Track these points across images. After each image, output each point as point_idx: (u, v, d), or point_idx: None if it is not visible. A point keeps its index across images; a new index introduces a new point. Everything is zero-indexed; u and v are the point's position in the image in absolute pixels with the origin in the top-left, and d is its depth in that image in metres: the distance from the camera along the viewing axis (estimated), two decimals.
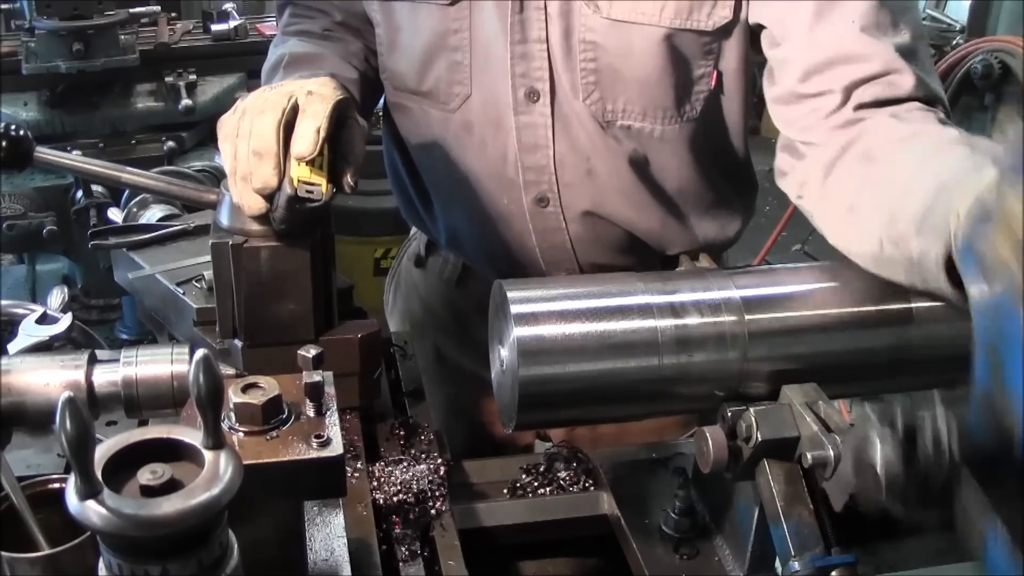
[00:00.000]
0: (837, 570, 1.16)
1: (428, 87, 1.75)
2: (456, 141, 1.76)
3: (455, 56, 1.70)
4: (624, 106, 1.67)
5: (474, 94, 1.71)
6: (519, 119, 1.69)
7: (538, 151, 1.71)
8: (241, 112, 1.38)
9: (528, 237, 1.78)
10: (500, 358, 1.31)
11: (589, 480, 1.54)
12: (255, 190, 1.33)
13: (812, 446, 1.17)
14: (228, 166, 1.37)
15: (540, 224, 1.76)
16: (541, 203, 1.74)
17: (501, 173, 1.74)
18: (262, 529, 1.04)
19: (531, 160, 1.72)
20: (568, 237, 1.78)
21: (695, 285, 1.29)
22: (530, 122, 1.69)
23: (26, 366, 1.26)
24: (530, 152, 1.71)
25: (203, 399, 0.86)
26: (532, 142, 1.70)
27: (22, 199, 3.38)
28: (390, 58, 1.79)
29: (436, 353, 2.05)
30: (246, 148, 1.33)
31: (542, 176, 1.72)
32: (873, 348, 1.31)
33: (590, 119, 1.68)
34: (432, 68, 1.73)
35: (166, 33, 3.64)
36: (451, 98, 1.73)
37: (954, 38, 4.82)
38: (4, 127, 1.42)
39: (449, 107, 1.74)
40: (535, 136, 1.70)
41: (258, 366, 1.27)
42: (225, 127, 1.40)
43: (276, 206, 1.32)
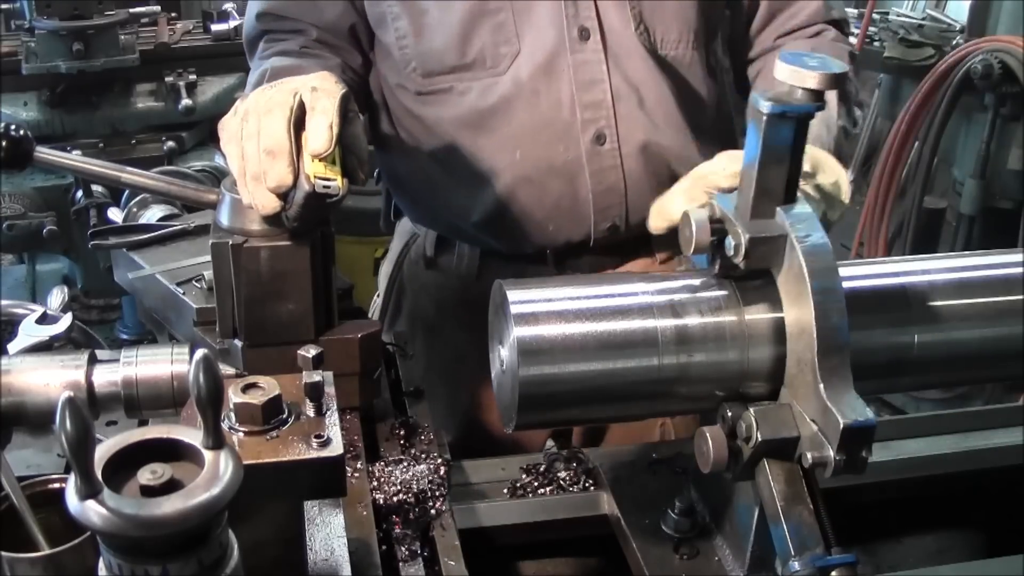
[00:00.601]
0: (837, 570, 1.16)
1: (472, 57, 1.81)
2: (504, 104, 1.81)
3: (498, 17, 1.79)
4: (663, 35, 1.83)
5: (523, 49, 1.80)
6: (575, 58, 1.80)
7: (595, 87, 1.81)
8: (243, 113, 1.38)
9: (583, 184, 1.84)
10: (500, 358, 1.31)
11: (589, 480, 1.54)
12: (270, 189, 1.32)
13: (812, 446, 1.17)
14: (236, 167, 1.36)
15: (597, 164, 1.84)
16: (599, 141, 1.83)
17: (556, 119, 1.82)
18: (262, 529, 1.04)
19: (588, 97, 1.81)
20: (623, 174, 1.85)
21: (695, 285, 1.29)
22: (584, 60, 1.80)
23: (26, 366, 1.26)
24: (587, 89, 1.81)
25: (203, 399, 0.86)
26: (588, 78, 1.81)
27: (22, 199, 3.38)
28: (419, 44, 1.83)
29: (455, 354, 2.03)
30: (255, 148, 1.33)
31: (599, 112, 1.82)
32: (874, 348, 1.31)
33: (639, 49, 1.82)
34: (475, 36, 1.80)
35: (166, 33, 3.65)
36: (499, 60, 1.81)
37: (954, 38, 4.81)
38: (4, 127, 1.42)
39: (498, 70, 1.81)
40: (591, 72, 1.81)
41: (258, 366, 1.27)
42: (228, 129, 1.40)
43: (291, 203, 1.32)
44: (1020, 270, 1.37)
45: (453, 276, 2.03)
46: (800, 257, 1.19)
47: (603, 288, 1.30)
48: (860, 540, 1.67)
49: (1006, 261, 1.40)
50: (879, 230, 4.66)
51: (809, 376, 1.18)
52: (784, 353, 1.24)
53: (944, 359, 1.36)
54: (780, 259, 1.23)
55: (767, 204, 1.23)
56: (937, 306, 1.33)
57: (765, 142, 1.20)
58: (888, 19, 5.13)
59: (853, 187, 6.61)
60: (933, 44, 4.74)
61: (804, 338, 1.19)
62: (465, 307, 2.00)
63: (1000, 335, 1.35)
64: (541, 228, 1.89)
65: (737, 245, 1.23)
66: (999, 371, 1.48)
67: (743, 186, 1.24)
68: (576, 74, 1.80)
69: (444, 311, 2.06)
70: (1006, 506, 1.71)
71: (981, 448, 1.68)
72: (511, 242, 1.94)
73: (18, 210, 3.36)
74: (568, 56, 1.80)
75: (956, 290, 1.35)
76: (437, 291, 2.06)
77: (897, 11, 5.35)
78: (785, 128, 1.19)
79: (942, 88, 4.28)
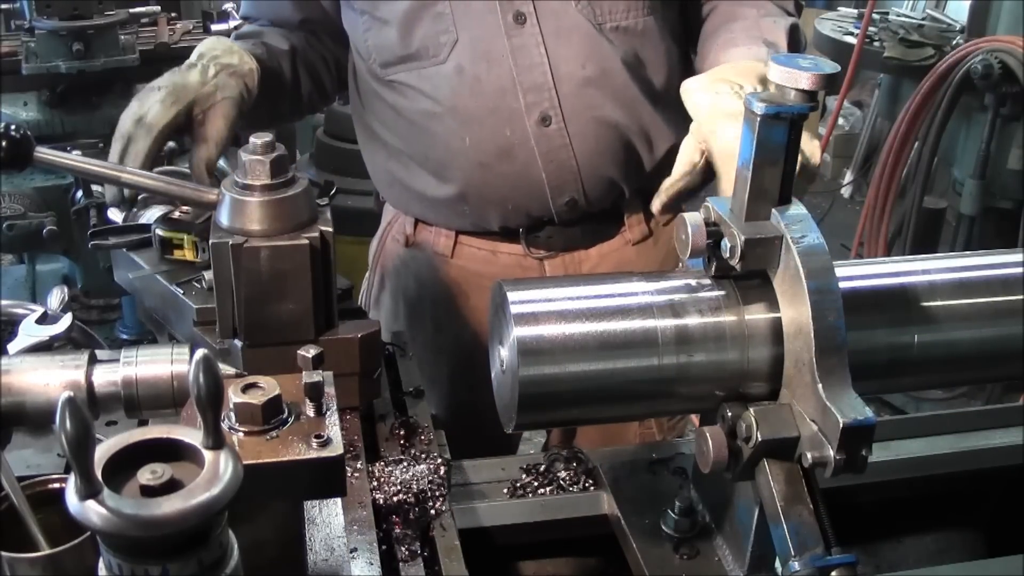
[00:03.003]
0: (837, 570, 1.16)
1: (415, 47, 1.87)
2: (450, 90, 1.85)
3: (437, 7, 1.83)
4: (610, 8, 1.83)
5: (461, 36, 1.83)
6: (511, 42, 1.81)
7: (534, 70, 1.83)
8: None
9: (534, 164, 1.87)
10: (500, 358, 1.31)
11: (589, 480, 1.54)
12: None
13: (812, 446, 1.17)
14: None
15: (545, 145, 1.86)
16: (544, 122, 1.85)
17: (500, 104, 1.85)
18: (262, 529, 1.04)
19: (529, 80, 1.83)
20: (573, 153, 1.88)
21: (695, 284, 1.29)
22: (521, 44, 1.82)
23: (26, 366, 1.26)
24: (527, 72, 1.83)
25: (203, 399, 0.86)
26: (527, 62, 1.82)
27: (22, 199, 3.37)
28: (376, 38, 1.91)
29: (435, 326, 2.12)
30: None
31: (542, 94, 1.84)
32: (874, 348, 1.31)
33: (583, 25, 1.82)
34: (417, 28, 1.85)
35: (166, 33, 3.64)
36: (440, 49, 1.85)
37: (954, 38, 4.82)
38: (4, 127, 1.42)
39: (439, 58, 1.85)
40: (529, 56, 1.82)
41: (258, 366, 1.27)
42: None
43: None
44: (1020, 270, 1.37)
45: (430, 253, 2.10)
46: (796, 258, 1.19)
47: (603, 288, 1.30)
48: (860, 540, 1.67)
49: (1006, 261, 1.40)
50: (879, 230, 4.67)
51: (808, 376, 1.18)
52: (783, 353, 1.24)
53: (944, 359, 1.36)
54: (776, 260, 1.23)
55: (762, 205, 1.23)
56: (937, 306, 1.33)
57: (759, 143, 1.20)
58: (888, 19, 5.14)
59: (853, 187, 6.64)
60: (933, 44, 4.74)
61: (801, 338, 1.19)
62: (443, 283, 2.10)
63: (1000, 335, 1.35)
64: (501, 208, 1.96)
65: (733, 247, 1.23)
66: (999, 371, 1.48)
67: (737, 188, 1.25)
68: (515, 59, 1.83)
69: (423, 287, 2.13)
70: (1006, 506, 1.71)
71: (981, 448, 1.68)
72: (477, 222, 2.02)
73: (18, 210, 3.35)
74: (505, 41, 1.82)
75: (956, 290, 1.35)
76: (416, 268, 2.14)
77: (897, 11, 5.36)
78: (779, 129, 1.20)
79: (942, 88, 4.28)
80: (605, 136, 1.90)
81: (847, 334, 1.18)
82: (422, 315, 2.14)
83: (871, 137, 6.36)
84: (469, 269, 2.07)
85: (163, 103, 1.68)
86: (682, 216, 1.28)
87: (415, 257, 2.14)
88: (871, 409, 1.14)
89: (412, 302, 2.16)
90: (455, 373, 2.13)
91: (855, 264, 1.41)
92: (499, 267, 2.04)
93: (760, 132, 1.19)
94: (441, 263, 2.09)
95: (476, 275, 2.07)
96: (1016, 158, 4.22)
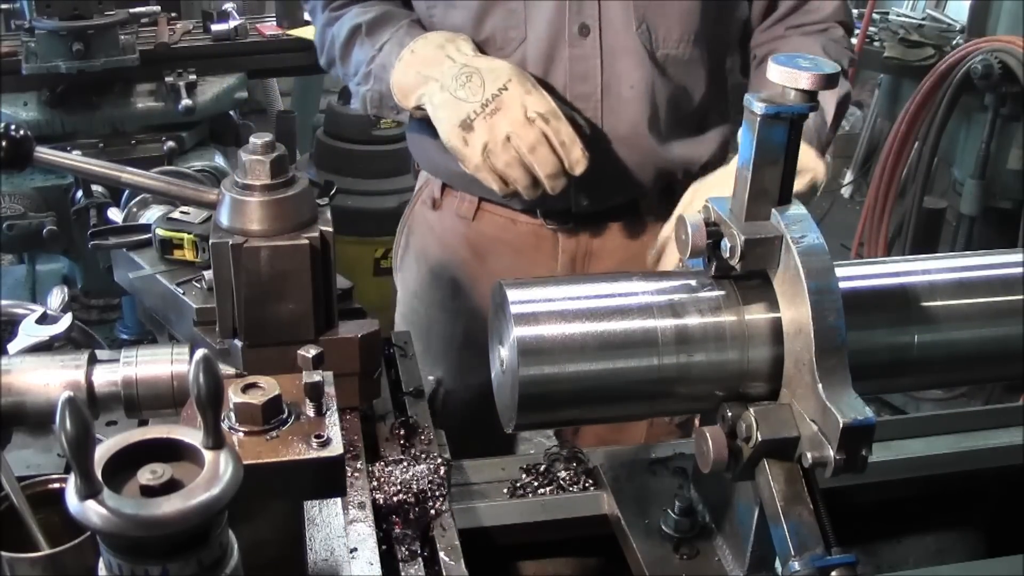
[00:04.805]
0: (837, 570, 1.16)
1: (485, 36, 1.95)
2: None
3: (511, 4, 1.92)
4: (665, 34, 1.93)
5: (529, 36, 1.92)
6: (572, 52, 1.91)
7: (587, 81, 1.94)
8: (486, 152, 1.76)
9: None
10: (500, 358, 1.31)
11: (589, 480, 1.54)
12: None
13: (812, 446, 1.17)
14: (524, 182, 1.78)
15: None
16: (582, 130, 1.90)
17: None
18: (262, 529, 1.04)
19: (580, 89, 1.94)
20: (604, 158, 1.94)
21: (695, 284, 1.29)
22: (581, 55, 1.92)
23: (26, 366, 1.26)
24: (580, 82, 1.93)
25: (203, 399, 0.86)
26: (583, 72, 1.93)
27: (22, 199, 3.38)
28: (445, 17, 1.99)
29: (452, 287, 2.21)
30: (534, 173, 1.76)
31: (588, 104, 1.94)
32: (874, 348, 1.31)
33: (638, 47, 1.92)
34: (488, 19, 1.94)
35: (166, 33, 3.65)
36: (507, 43, 1.94)
37: (954, 38, 4.82)
38: (4, 127, 1.42)
39: (505, 52, 1.94)
40: (585, 67, 1.93)
41: (258, 366, 1.27)
42: (483, 169, 1.79)
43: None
44: (1020, 270, 1.37)
45: (454, 216, 2.19)
46: (796, 258, 1.19)
47: (603, 288, 1.30)
48: (860, 540, 1.67)
49: (1006, 261, 1.40)
50: (879, 230, 4.66)
51: (808, 376, 1.18)
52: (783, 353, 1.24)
53: (944, 359, 1.36)
54: (776, 260, 1.23)
55: (762, 205, 1.23)
56: (937, 306, 1.33)
57: (759, 143, 1.20)
58: (888, 19, 5.14)
59: (853, 187, 6.64)
60: (933, 44, 4.74)
61: (802, 338, 1.19)
62: (463, 246, 2.20)
63: (1000, 335, 1.35)
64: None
65: (733, 247, 1.23)
66: (999, 371, 1.48)
67: (738, 188, 1.25)
68: (572, 67, 1.92)
69: (446, 248, 2.23)
70: (1006, 506, 1.71)
71: (981, 448, 1.68)
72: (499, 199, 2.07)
73: (18, 210, 3.36)
74: (566, 50, 1.91)
75: (956, 290, 1.35)
76: (440, 231, 2.23)
77: (897, 11, 5.36)
78: (779, 129, 1.20)
79: (942, 88, 4.28)
80: (634, 153, 1.99)
81: (847, 334, 1.18)
82: (441, 276, 2.23)
83: (871, 137, 6.35)
84: (488, 234, 2.16)
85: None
86: (682, 216, 1.28)
87: (440, 219, 2.23)
88: (871, 409, 1.14)
89: (433, 263, 2.25)
90: (467, 338, 2.19)
91: (855, 264, 1.41)
92: (516, 234, 2.14)
93: (760, 132, 1.19)
94: (463, 226, 2.18)
95: (494, 240, 2.16)
96: (1016, 158, 4.22)
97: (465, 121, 1.77)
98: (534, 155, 1.75)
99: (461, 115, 1.78)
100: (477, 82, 1.78)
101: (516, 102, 1.76)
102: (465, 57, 1.83)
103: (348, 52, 2.03)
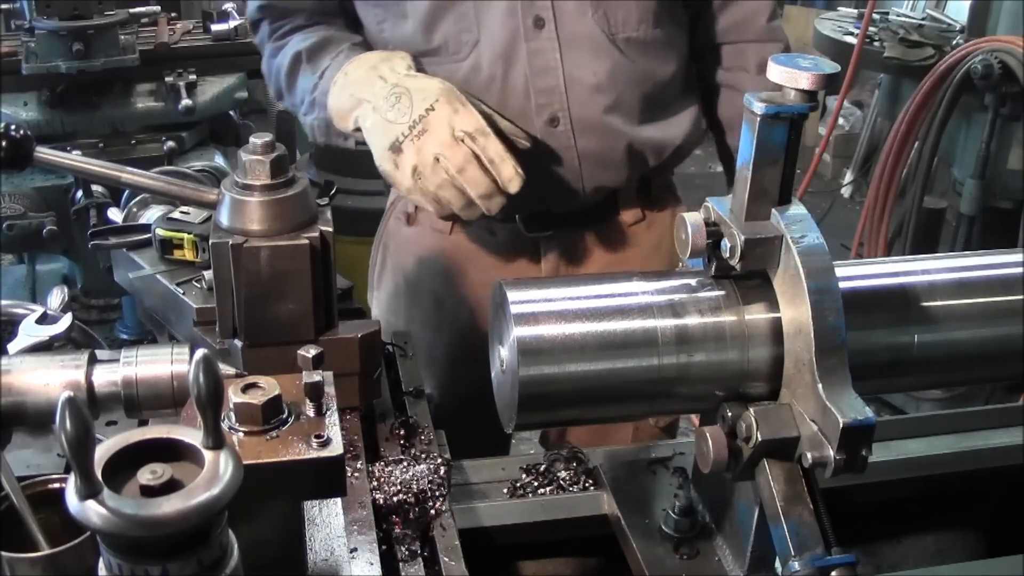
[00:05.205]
0: (837, 570, 1.16)
1: (437, 43, 1.91)
2: (466, 86, 1.86)
3: (461, 7, 1.87)
4: (624, 18, 1.90)
5: (482, 37, 1.89)
6: (529, 46, 1.87)
7: (548, 74, 1.89)
8: (416, 174, 1.71)
9: (539, 161, 1.90)
10: (500, 358, 1.31)
11: (589, 480, 1.54)
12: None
13: (812, 446, 1.17)
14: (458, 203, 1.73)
15: (551, 143, 1.92)
16: (553, 123, 1.91)
17: (512, 104, 1.90)
18: (262, 529, 1.04)
19: (542, 83, 1.90)
20: (576, 154, 1.94)
21: (695, 284, 1.29)
22: (538, 48, 1.88)
23: (26, 366, 1.26)
24: (541, 75, 1.89)
25: (203, 399, 0.86)
26: (542, 66, 1.89)
27: (22, 199, 3.38)
28: (395, 29, 1.94)
29: (435, 302, 2.16)
30: (467, 195, 1.71)
31: (552, 97, 1.90)
32: (874, 348, 1.31)
33: (596, 34, 1.89)
34: (439, 26, 1.90)
35: (166, 33, 3.64)
36: (461, 47, 1.90)
37: (954, 38, 4.81)
38: (4, 127, 1.42)
39: (459, 56, 1.90)
40: (545, 60, 1.89)
41: (258, 366, 1.27)
42: (415, 192, 1.74)
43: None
44: (1020, 270, 1.37)
45: (429, 231, 2.15)
46: (796, 258, 1.19)
47: (603, 288, 1.30)
48: (860, 540, 1.67)
49: (1006, 261, 1.40)
50: (879, 230, 4.66)
51: (808, 376, 1.18)
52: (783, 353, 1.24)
53: (944, 359, 1.36)
54: (776, 260, 1.23)
55: (762, 205, 1.23)
56: (937, 306, 1.33)
57: (759, 143, 1.20)
58: (888, 19, 5.13)
59: (853, 187, 6.64)
60: (933, 44, 4.73)
61: (801, 338, 1.19)
62: (441, 259, 2.15)
63: (1000, 335, 1.35)
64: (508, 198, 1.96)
65: (733, 247, 1.23)
66: (999, 371, 1.48)
67: (737, 188, 1.25)
68: (531, 61, 1.89)
69: (423, 264, 2.18)
70: (1006, 506, 1.71)
71: (981, 448, 1.68)
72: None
73: (18, 210, 3.35)
74: (523, 44, 1.88)
75: (956, 290, 1.35)
76: (416, 246, 2.19)
77: (897, 11, 5.35)
78: (779, 129, 1.20)
79: (942, 88, 4.27)
80: (606, 139, 1.95)
81: (847, 334, 1.18)
82: (421, 292, 2.19)
83: (871, 137, 6.35)
84: (466, 247, 2.11)
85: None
86: (682, 216, 1.28)
87: (416, 235, 2.18)
88: (871, 409, 1.14)
89: (412, 280, 2.20)
90: (454, 351, 2.16)
91: (855, 264, 1.41)
92: (495, 244, 2.09)
93: (760, 132, 1.19)
94: (440, 240, 2.14)
95: (474, 251, 2.11)
96: (1016, 158, 4.22)
97: (395, 144, 1.72)
98: (463, 176, 1.69)
99: (391, 138, 1.73)
100: (406, 103, 1.73)
101: (443, 122, 1.70)
102: (397, 76, 1.77)
103: (292, 82, 1.98)
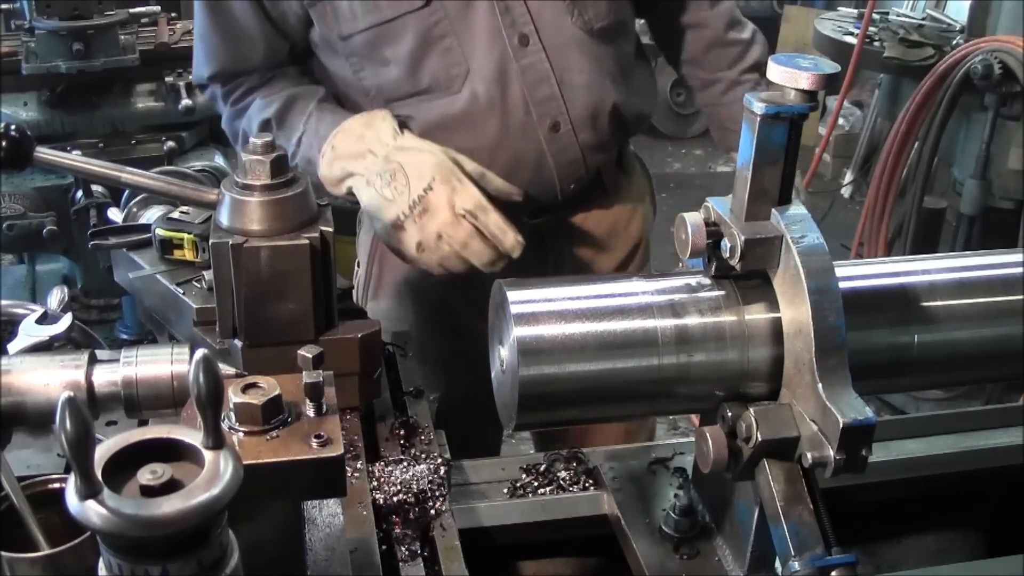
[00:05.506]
0: (837, 570, 1.16)
1: (425, 84, 1.92)
2: (465, 116, 1.92)
3: (444, 44, 1.89)
4: (596, 12, 1.97)
5: (472, 66, 1.90)
6: (520, 64, 1.91)
7: (543, 84, 1.94)
8: (420, 248, 1.76)
9: (546, 165, 2.00)
10: (500, 358, 1.31)
11: (589, 480, 1.54)
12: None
13: (812, 446, 1.17)
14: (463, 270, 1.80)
15: (556, 147, 1.99)
16: (554, 128, 1.97)
17: (514, 121, 1.94)
18: (262, 529, 1.04)
19: (539, 94, 1.94)
20: (579, 148, 2.01)
21: (695, 284, 1.29)
22: (530, 63, 1.92)
23: (26, 366, 1.26)
24: (537, 87, 1.94)
25: (203, 399, 0.86)
26: (536, 78, 1.93)
27: (22, 199, 3.38)
28: (376, 78, 1.95)
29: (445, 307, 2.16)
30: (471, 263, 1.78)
31: (551, 104, 1.95)
32: (874, 348, 1.31)
33: (577, 35, 1.95)
34: (424, 67, 1.90)
35: (166, 33, 3.65)
36: (452, 82, 1.92)
37: (954, 38, 4.81)
38: (4, 127, 1.42)
39: (452, 89, 1.92)
40: (537, 73, 1.93)
41: (258, 366, 1.27)
42: (419, 262, 1.81)
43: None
44: (1020, 270, 1.37)
45: None
46: (796, 258, 1.19)
47: (603, 288, 1.30)
48: (860, 540, 1.67)
49: (1006, 261, 1.40)
50: (879, 230, 4.66)
51: (808, 376, 1.18)
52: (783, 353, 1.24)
53: (944, 359, 1.36)
54: (776, 260, 1.23)
55: (762, 205, 1.23)
56: (937, 306, 1.33)
57: (759, 143, 1.20)
58: (888, 19, 5.14)
59: (853, 187, 6.64)
60: (933, 44, 4.73)
61: (802, 338, 1.19)
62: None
63: (1000, 335, 1.35)
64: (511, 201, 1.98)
65: (733, 247, 1.23)
66: (999, 371, 1.48)
67: (737, 188, 1.25)
68: (524, 78, 1.92)
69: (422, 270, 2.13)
70: (1006, 506, 1.71)
71: (981, 448, 1.68)
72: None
73: (18, 210, 3.36)
74: (514, 64, 1.91)
75: (956, 290, 1.35)
76: None
77: (897, 11, 5.36)
78: (779, 129, 1.20)
79: (942, 88, 4.27)
80: (599, 120, 2.03)
81: (847, 334, 1.18)
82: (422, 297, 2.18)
83: (871, 137, 6.35)
84: None
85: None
86: (682, 216, 1.28)
87: None
88: (871, 409, 1.14)
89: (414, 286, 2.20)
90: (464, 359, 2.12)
91: (855, 264, 1.40)
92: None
93: (760, 132, 1.19)
94: None
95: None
96: (1016, 158, 4.22)
97: (396, 222, 1.76)
98: (467, 250, 1.75)
99: (391, 216, 1.76)
100: (402, 181, 1.75)
101: (443, 202, 1.73)
102: (386, 148, 1.79)
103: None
